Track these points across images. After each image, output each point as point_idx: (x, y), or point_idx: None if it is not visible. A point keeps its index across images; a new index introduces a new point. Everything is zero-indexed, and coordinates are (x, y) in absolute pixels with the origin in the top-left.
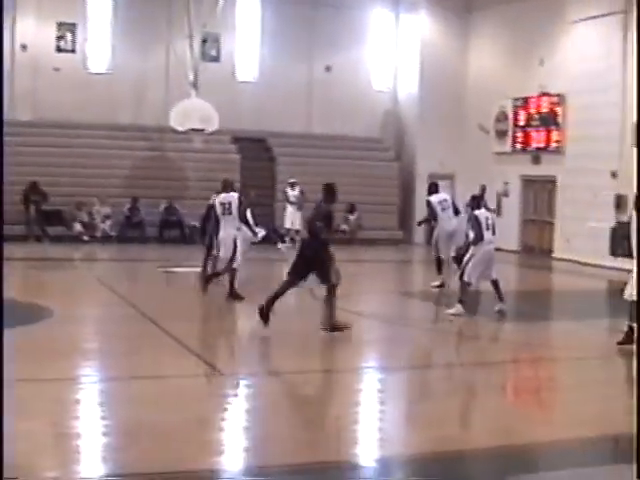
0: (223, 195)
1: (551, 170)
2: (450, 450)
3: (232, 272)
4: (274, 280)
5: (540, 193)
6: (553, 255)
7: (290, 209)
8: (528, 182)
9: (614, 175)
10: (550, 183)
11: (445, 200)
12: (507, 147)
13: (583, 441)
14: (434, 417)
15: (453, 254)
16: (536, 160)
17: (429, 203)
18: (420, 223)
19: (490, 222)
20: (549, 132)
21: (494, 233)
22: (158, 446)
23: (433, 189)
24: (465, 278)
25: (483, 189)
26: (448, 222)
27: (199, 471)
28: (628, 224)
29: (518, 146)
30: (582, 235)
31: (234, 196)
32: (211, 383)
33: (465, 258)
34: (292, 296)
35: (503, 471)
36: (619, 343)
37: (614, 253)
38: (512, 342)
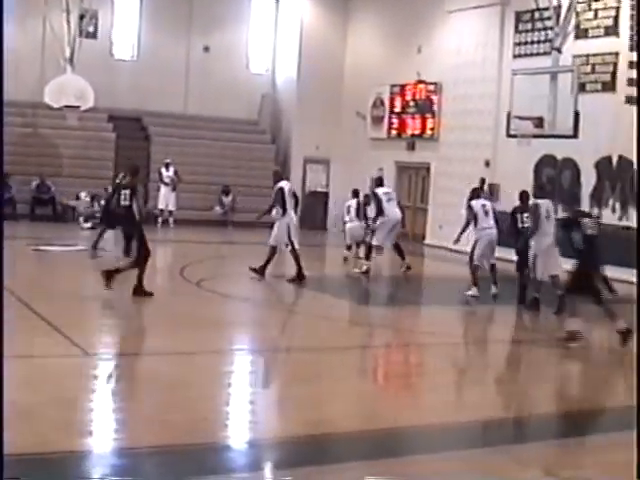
0: (287, 182)
1: (425, 157)
2: (321, 433)
3: (295, 253)
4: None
5: (414, 179)
6: (425, 241)
7: (164, 189)
8: (403, 168)
9: (487, 164)
10: (424, 170)
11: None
12: (383, 133)
13: (452, 426)
14: (304, 400)
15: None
16: (411, 147)
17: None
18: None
19: (487, 209)
20: (424, 119)
21: (497, 221)
22: (23, 427)
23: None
24: (475, 262)
25: (482, 181)
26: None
27: (65, 452)
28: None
29: (394, 132)
30: (454, 222)
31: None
32: (78, 364)
33: (471, 245)
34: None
35: (368, 454)
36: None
37: None
38: (382, 327)
